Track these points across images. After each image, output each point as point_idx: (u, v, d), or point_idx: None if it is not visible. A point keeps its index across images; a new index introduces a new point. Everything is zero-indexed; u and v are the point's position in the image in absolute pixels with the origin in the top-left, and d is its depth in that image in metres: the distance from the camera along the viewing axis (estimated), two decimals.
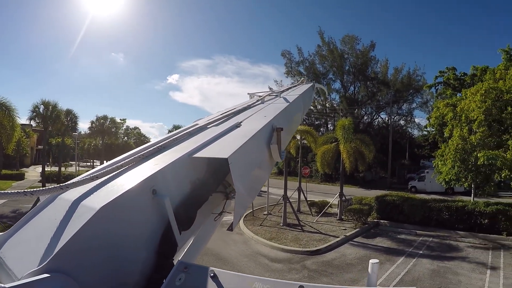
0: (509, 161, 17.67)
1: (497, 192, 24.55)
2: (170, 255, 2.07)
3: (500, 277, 14.39)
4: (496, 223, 19.92)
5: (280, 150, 3.23)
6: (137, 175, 2.03)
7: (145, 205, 1.94)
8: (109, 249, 1.73)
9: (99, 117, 57.28)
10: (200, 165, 2.48)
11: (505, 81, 19.92)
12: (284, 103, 4.29)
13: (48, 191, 1.85)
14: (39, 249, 1.63)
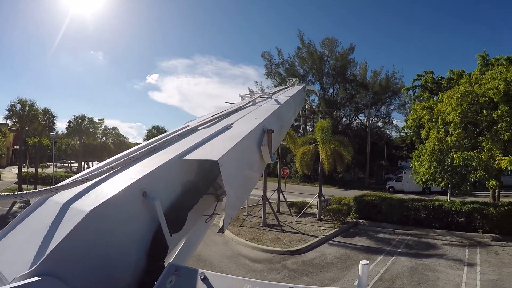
0: (484, 162, 18.13)
1: (472, 191, 25.21)
2: (161, 258, 2.06)
3: (477, 273, 14.74)
4: (472, 221, 20.48)
5: (271, 152, 3.24)
6: (127, 178, 2.02)
7: (136, 207, 1.93)
8: (99, 251, 1.73)
9: (77, 117, 56.21)
10: (191, 167, 2.48)
11: (480, 85, 20.45)
12: (275, 105, 4.34)
13: (38, 193, 1.84)
14: (29, 252, 1.60)
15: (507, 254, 17.19)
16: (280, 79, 58.89)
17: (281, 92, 5.68)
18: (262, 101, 4.69)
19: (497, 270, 14.98)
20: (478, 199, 25.86)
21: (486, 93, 19.39)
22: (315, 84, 60.40)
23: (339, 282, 13.89)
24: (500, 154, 18.08)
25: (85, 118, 56.37)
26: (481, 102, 19.72)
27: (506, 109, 18.09)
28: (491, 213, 19.96)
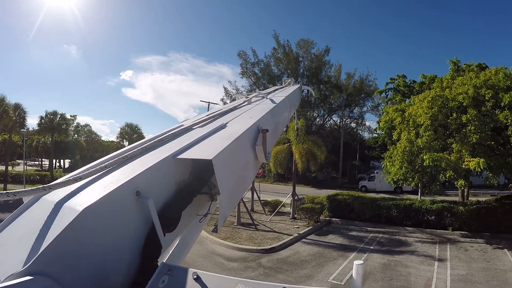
0: (453, 163, 18.75)
1: (442, 190, 26.03)
2: (154, 257, 2.05)
3: (447, 268, 15.32)
4: (442, 219, 21.26)
5: (266, 152, 3.23)
6: (120, 177, 1.99)
7: (129, 206, 1.91)
8: (92, 250, 1.71)
9: (48, 113, 54.08)
10: (185, 166, 2.47)
11: (451, 90, 21.15)
12: (270, 104, 4.32)
13: (31, 192, 1.79)
14: (21, 251, 1.57)
15: (475, 250, 17.93)
16: (255, 79, 59.18)
17: (277, 92, 5.68)
18: (257, 101, 4.67)
19: (467, 265, 15.61)
20: (447, 198, 27.02)
21: (456, 97, 20.05)
22: None
23: (314, 279, 14.08)
24: (469, 156, 18.76)
25: (57, 115, 54.31)
26: (451, 106, 20.36)
27: (474, 113, 18.77)
28: (460, 211, 20.80)
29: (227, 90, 60.44)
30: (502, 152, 19.70)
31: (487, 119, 18.86)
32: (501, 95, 18.61)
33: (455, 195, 29.97)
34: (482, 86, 19.53)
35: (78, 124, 77.96)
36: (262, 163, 3.42)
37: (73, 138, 74.60)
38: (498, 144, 20.08)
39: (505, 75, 19.90)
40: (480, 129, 18.54)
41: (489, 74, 20.46)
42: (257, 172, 3.44)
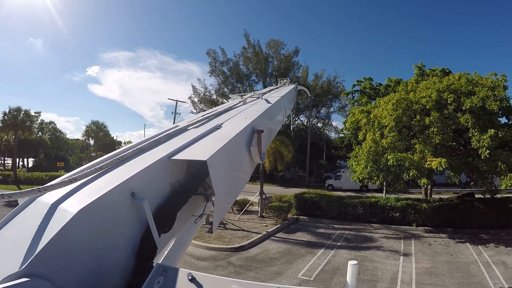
0: (416, 163, 19.53)
1: (406, 189, 26.95)
2: (149, 258, 2.05)
3: (412, 262, 15.97)
4: (406, 216, 22.18)
5: (261, 152, 3.25)
6: (115, 178, 2.00)
7: (124, 208, 1.92)
8: (87, 252, 1.72)
9: (12, 109, 51.56)
10: (180, 167, 2.48)
11: (415, 93, 21.98)
12: (265, 105, 4.36)
13: (26, 193, 1.78)
14: (17, 253, 1.55)
15: (439, 245, 18.80)
16: (223, 78, 58.69)
17: (272, 92, 5.70)
18: (252, 101, 4.68)
19: (431, 259, 16.35)
20: (411, 196, 28.04)
21: (420, 100, 20.88)
22: (259, 84, 60.98)
23: (283, 275, 14.30)
24: (431, 156, 19.58)
25: (21, 111, 51.53)
26: (415, 109, 21.15)
27: (437, 116, 19.65)
28: (424, 208, 21.81)
29: (195, 88, 59.62)
30: (463, 153, 20.74)
31: (449, 122, 19.81)
32: (462, 100, 19.54)
33: (418, 193, 31.12)
34: (445, 90, 20.41)
35: (43, 121, 74.39)
36: (257, 163, 3.44)
37: (37, 136, 71.44)
38: (459, 145, 21.08)
39: (467, 81, 20.86)
40: (442, 130, 19.42)
41: (452, 79, 21.42)
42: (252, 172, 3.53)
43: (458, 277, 13.90)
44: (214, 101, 58.47)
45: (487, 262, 15.43)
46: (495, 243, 18.41)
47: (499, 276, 13.74)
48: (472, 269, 14.79)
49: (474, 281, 13.45)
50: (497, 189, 21.77)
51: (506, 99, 20.71)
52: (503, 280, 13.35)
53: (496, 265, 14.95)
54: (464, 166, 20.11)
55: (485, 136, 17.71)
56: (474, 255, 16.57)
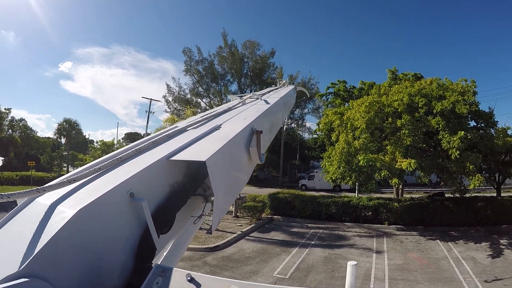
0: (388, 163, 20.10)
1: (378, 188, 27.59)
2: (148, 259, 2.05)
3: (385, 259, 16.45)
4: (378, 215, 22.84)
5: (260, 153, 3.24)
6: (114, 178, 1.99)
7: (123, 208, 1.92)
8: (86, 252, 1.71)
9: None
10: (179, 168, 2.46)
11: (387, 97, 22.71)
12: (264, 106, 4.36)
13: (24, 194, 1.76)
14: (15, 253, 1.53)
15: (410, 242, 19.47)
16: (198, 77, 58.12)
17: (272, 93, 5.70)
18: (251, 102, 4.68)
19: (403, 256, 16.93)
20: (383, 195, 28.85)
21: (392, 103, 21.54)
22: (233, 84, 61.00)
23: (259, 274, 14.47)
24: (402, 157, 20.17)
25: None
26: (387, 111, 21.78)
27: (408, 119, 20.32)
28: (395, 207, 22.55)
29: (170, 87, 58.83)
30: (433, 154, 21.40)
31: (420, 124, 20.46)
32: (433, 103, 20.29)
33: (390, 193, 31.90)
34: (417, 94, 21.15)
35: (13, 118, 71.31)
36: (256, 164, 3.43)
37: (7, 134, 68.56)
38: (429, 146, 21.84)
39: (438, 85, 21.75)
40: (413, 133, 20.07)
41: (423, 84, 22.28)
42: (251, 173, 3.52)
43: (430, 273, 14.44)
44: (189, 101, 58.07)
45: (457, 258, 16.13)
46: (464, 240, 19.24)
47: (469, 271, 14.38)
48: (443, 265, 15.38)
49: (445, 276, 14.01)
50: (466, 189, 22.72)
51: (475, 104, 21.58)
52: (473, 274, 13.98)
53: (466, 261, 15.64)
54: (434, 166, 20.83)
55: (455, 138, 18.43)
56: (444, 252, 17.25)
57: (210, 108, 60.80)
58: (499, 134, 21.71)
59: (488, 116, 22.71)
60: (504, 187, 26.99)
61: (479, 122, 23.20)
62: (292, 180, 54.98)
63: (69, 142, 62.55)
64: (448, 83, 22.53)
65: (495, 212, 21.37)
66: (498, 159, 22.42)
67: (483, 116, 22.74)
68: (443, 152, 19.79)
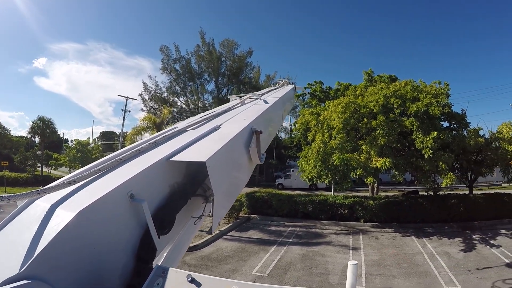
0: (363, 162, 20.59)
1: (354, 187, 28.13)
2: (149, 260, 2.04)
3: (361, 255, 16.86)
4: (354, 212, 23.26)
5: (260, 153, 3.25)
6: (114, 180, 1.98)
7: (123, 209, 1.91)
8: (87, 254, 1.71)
9: None
10: (178, 169, 2.46)
11: (363, 98, 23.29)
12: (264, 106, 4.38)
13: (24, 196, 1.75)
14: (15, 256, 1.52)
15: (386, 239, 20.00)
16: (175, 75, 57.59)
17: (271, 93, 5.71)
18: (251, 102, 4.68)
19: (378, 252, 17.41)
20: (359, 193, 29.28)
21: (368, 104, 22.12)
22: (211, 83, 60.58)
23: (238, 273, 14.60)
24: (377, 156, 20.73)
25: None
26: (362, 112, 22.33)
27: (383, 119, 20.93)
28: (371, 205, 23.04)
29: (146, 85, 57.72)
30: (407, 153, 22.12)
31: (395, 125, 21.10)
32: (408, 105, 20.97)
33: (366, 191, 32.38)
34: (392, 96, 21.79)
35: None
36: (256, 164, 3.44)
37: None
38: (403, 146, 22.56)
39: (413, 88, 22.46)
40: (388, 133, 20.66)
41: (398, 86, 22.95)
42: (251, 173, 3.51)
43: (405, 267, 14.92)
44: (165, 99, 57.46)
45: (432, 253, 16.70)
46: (438, 236, 19.96)
47: (443, 265, 14.94)
48: (418, 260, 15.91)
49: (420, 270, 14.51)
50: (439, 187, 23.50)
51: (448, 106, 22.53)
52: (447, 268, 14.54)
53: (440, 255, 16.23)
54: (408, 165, 21.50)
55: (428, 138, 19.10)
56: (419, 247, 17.82)
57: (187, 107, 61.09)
58: (471, 134, 22.48)
59: (460, 118, 23.62)
60: (476, 185, 28.24)
61: (452, 123, 24.05)
62: (269, 179, 55.12)
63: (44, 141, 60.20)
64: (422, 85, 23.31)
65: (467, 209, 22.23)
66: (470, 159, 23.28)
67: (455, 118, 23.63)
68: (417, 151, 20.46)
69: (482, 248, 17.37)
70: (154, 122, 30.12)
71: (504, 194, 23.72)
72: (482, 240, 18.76)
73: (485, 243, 18.08)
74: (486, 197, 23.44)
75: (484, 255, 16.17)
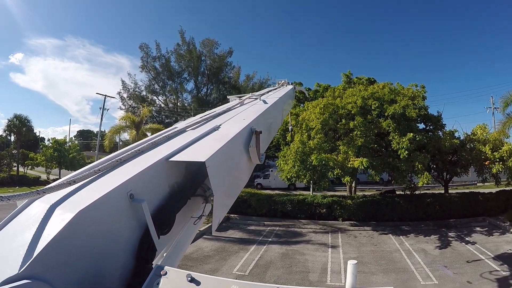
0: (340, 162, 20.97)
1: (332, 186, 28.49)
2: (149, 260, 2.05)
3: (340, 253, 17.19)
4: (332, 212, 23.64)
5: (259, 153, 3.31)
6: (114, 180, 1.99)
7: (123, 209, 1.93)
8: (87, 254, 1.72)
9: None
10: (178, 169, 2.48)
11: (342, 99, 23.68)
12: (263, 106, 4.43)
13: (25, 196, 1.75)
14: (15, 255, 1.53)
15: (364, 237, 20.39)
16: (155, 74, 56.89)
17: (271, 93, 5.75)
18: (250, 102, 4.73)
19: (357, 250, 17.78)
20: (337, 193, 29.70)
21: (346, 106, 22.56)
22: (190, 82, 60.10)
23: (219, 272, 14.64)
24: (354, 156, 21.12)
25: None
26: (340, 113, 22.73)
27: (361, 120, 21.39)
28: (349, 204, 23.48)
29: (125, 83, 56.95)
30: (384, 154, 22.65)
31: (372, 126, 21.65)
32: (385, 107, 21.51)
33: (344, 191, 32.80)
34: (370, 98, 22.29)
35: None
36: (256, 164, 3.49)
37: None
38: (381, 147, 23.15)
39: (390, 90, 23.11)
40: (365, 134, 21.16)
41: (376, 88, 23.52)
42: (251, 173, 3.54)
43: (383, 264, 15.31)
44: (144, 98, 56.78)
45: (409, 250, 17.18)
46: (415, 234, 20.50)
47: (420, 262, 15.40)
48: (395, 257, 16.34)
49: (397, 267, 14.93)
50: (415, 186, 24.27)
51: (424, 108, 23.18)
52: (424, 264, 15.00)
53: (417, 252, 16.72)
54: (385, 165, 21.97)
55: (404, 139, 19.68)
56: (396, 245, 18.29)
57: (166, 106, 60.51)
58: (447, 136, 23.27)
59: (436, 119, 24.33)
60: (451, 185, 29.13)
61: (428, 125, 24.73)
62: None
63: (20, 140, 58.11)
64: (400, 88, 24.03)
65: (443, 208, 23.00)
66: (445, 159, 24.07)
67: (431, 119, 24.31)
68: (394, 152, 21.00)
69: (458, 245, 17.96)
70: (133, 121, 29.84)
71: (479, 193, 24.56)
72: (458, 237, 19.38)
73: (461, 240, 18.70)
74: (461, 196, 24.22)
75: (459, 252, 16.74)
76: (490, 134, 23.72)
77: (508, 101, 21.40)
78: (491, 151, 21.48)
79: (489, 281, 12.95)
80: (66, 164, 46.54)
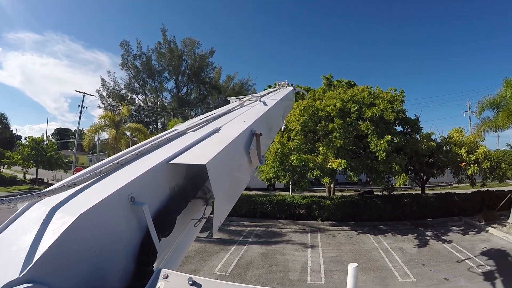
0: (319, 163, 21.31)
1: (311, 187, 28.76)
2: (150, 263, 2.05)
3: (319, 252, 17.44)
4: (311, 212, 23.88)
5: (260, 155, 3.31)
6: (114, 182, 1.99)
7: (123, 212, 1.92)
8: (87, 257, 1.71)
9: None
10: (179, 171, 2.48)
11: (321, 102, 24.07)
12: (264, 108, 4.43)
13: (25, 198, 1.73)
14: (16, 259, 1.52)
15: (342, 236, 20.71)
16: (135, 72, 56.54)
17: (271, 95, 5.72)
18: (251, 104, 4.72)
19: (336, 249, 18.06)
20: (316, 194, 30.04)
21: (326, 108, 22.94)
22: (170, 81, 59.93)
23: (200, 272, 14.64)
24: (333, 158, 21.50)
25: None
26: (320, 115, 23.09)
27: (340, 123, 21.81)
28: (328, 204, 23.76)
29: (104, 81, 56.42)
30: (363, 155, 23.12)
31: (351, 128, 22.07)
32: (364, 110, 21.94)
33: (322, 191, 33.21)
34: (349, 101, 22.70)
35: None
36: (256, 166, 3.50)
37: None
38: (359, 148, 23.48)
39: (369, 93, 23.53)
40: (344, 136, 21.50)
41: (356, 91, 23.91)
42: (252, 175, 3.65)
43: (362, 263, 15.60)
44: (124, 97, 56.10)
45: (387, 249, 17.63)
46: (392, 233, 20.99)
47: (398, 260, 15.87)
48: (374, 255, 16.75)
49: (376, 265, 15.33)
50: (393, 187, 24.89)
51: (402, 111, 23.72)
52: (402, 263, 15.47)
53: (395, 251, 17.19)
54: (363, 167, 22.39)
55: (382, 141, 20.16)
56: (374, 244, 18.69)
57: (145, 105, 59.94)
58: (424, 138, 24.04)
59: (414, 123, 24.88)
60: (428, 186, 30.30)
61: (405, 128, 25.25)
62: None
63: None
64: (379, 91, 24.52)
65: (420, 208, 23.69)
66: (422, 161, 24.82)
67: (409, 122, 24.87)
68: (372, 154, 21.43)
69: (435, 243, 18.52)
70: (113, 120, 29.46)
71: (455, 193, 25.34)
72: (434, 236, 19.98)
73: (437, 239, 19.29)
74: (438, 196, 24.98)
75: (436, 250, 17.28)
76: (466, 137, 24.58)
77: (484, 106, 22.11)
78: (466, 154, 22.32)
79: (465, 278, 13.46)
80: (44, 163, 45.31)
